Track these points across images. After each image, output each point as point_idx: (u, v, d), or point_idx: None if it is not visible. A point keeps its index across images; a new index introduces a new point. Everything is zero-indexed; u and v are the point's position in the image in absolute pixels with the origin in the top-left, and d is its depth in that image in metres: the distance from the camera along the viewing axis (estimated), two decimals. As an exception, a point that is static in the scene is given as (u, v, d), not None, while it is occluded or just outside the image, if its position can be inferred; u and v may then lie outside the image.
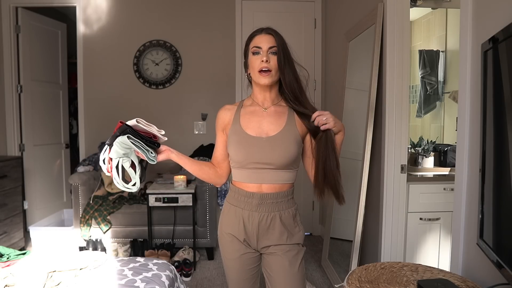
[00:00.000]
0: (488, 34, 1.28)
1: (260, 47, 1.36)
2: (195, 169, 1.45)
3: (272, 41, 1.36)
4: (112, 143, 1.28)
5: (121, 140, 1.25)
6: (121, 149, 1.26)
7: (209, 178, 1.49)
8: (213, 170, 1.50)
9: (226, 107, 1.48)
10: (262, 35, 1.38)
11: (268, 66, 1.34)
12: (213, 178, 1.50)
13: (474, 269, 1.47)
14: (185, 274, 2.87)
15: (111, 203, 3.28)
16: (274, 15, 3.84)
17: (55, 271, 1.71)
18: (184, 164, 1.42)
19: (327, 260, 2.99)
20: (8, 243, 3.10)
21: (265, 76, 1.35)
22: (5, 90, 3.70)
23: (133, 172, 1.32)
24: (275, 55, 1.35)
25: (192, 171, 1.45)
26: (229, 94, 3.93)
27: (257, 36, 1.38)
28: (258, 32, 1.40)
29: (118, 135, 1.27)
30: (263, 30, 1.40)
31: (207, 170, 1.48)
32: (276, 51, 1.35)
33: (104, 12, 3.88)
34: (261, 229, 1.39)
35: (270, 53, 1.35)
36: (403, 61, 2.26)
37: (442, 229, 2.37)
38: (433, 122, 3.40)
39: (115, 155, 1.28)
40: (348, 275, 1.40)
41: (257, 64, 1.36)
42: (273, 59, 1.35)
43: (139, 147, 1.28)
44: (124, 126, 1.28)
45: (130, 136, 1.26)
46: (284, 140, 1.36)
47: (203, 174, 1.48)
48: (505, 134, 1.11)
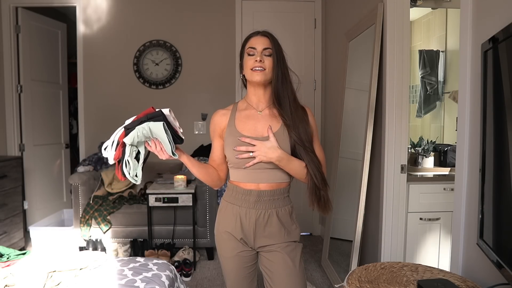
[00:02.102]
0: (488, 34, 1.28)
1: (255, 48, 1.39)
2: (202, 172, 1.44)
3: (267, 43, 1.39)
4: (133, 127, 1.19)
5: (153, 126, 1.18)
6: (141, 136, 1.18)
7: (213, 181, 1.49)
8: (216, 173, 1.50)
9: (220, 112, 1.48)
10: (258, 36, 1.41)
11: (262, 66, 1.37)
12: (216, 181, 1.50)
13: (474, 269, 1.47)
14: (185, 274, 2.87)
15: (111, 203, 3.28)
16: (274, 15, 3.84)
17: (55, 271, 1.71)
18: (192, 167, 1.41)
19: (327, 260, 2.99)
20: (8, 243, 3.10)
21: (258, 73, 1.37)
22: (5, 90, 3.70)
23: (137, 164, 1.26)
24: (270, 56, 1.38)
25: (198, 174, 1.44)
26: (229, 94, 3.93)
27: (253, 38, 1.42)
28: (254, 34, 1.43)
29: (146, 121, 1.19)
30: (259, 32, 1.42)
31: (212, 173, 1.48)
32: (271, 53, 1.38)
33: (104, 12, 3.88)
34: (258, 226, 1.41)
35: (264, 55, 1.38)
36: (403, 61, 2.26)
37: (442, 229, 2.37)
38: (433, 122, 3.40)
39: (130, 141, 1.20)
40: (348, 275, 1.40)
41: (251, 63, 1.38)
42: (267, 60, 1.38)
43: (169, 138, 1.21)
44: (159, 112, 1.21)
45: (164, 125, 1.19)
46: (280, 140, 1.38)
47: (208, 178, 1.47)
48: (505, 134, 1.11)
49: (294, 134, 1.37)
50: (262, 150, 1.35)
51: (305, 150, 1.38)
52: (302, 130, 1.38)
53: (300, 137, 1.37)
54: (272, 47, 1.38)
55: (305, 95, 3.86)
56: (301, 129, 1.38)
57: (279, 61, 1.38)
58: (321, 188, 1.38)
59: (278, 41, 1.42)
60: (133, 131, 1.19)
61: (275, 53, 1.38)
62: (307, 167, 1.38)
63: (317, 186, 1.38)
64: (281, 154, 1.35)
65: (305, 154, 1.38)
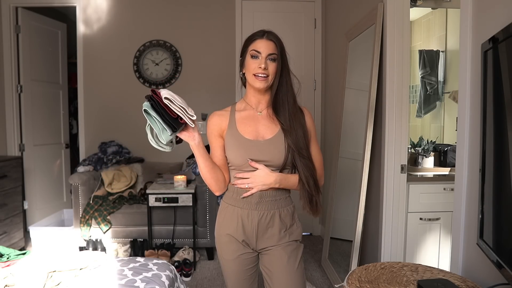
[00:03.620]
0: (488, 34, 1.28)
1: (259, 52, 1.35)
2: (208, 165, 1.36)
3: (272, 48, 1.36)
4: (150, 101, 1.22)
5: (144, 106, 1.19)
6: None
7: (217, 179, 1.40)
8: (221, 173, 1.42)
9: (216, 113, 1.45)
10: (264, 40, 1.37)
11: (265, 73, 1.35)
12: (221, 181, 1.42)
13: (474, 269, 1.47)
14: (185, 274, 2.87)
15: (111, 203, 3.28)
16: (274, 15, 3.84)
17: (55, 271, 1.71)
18: (200, 155, 1.33)
19: (327, 260, 2.99)
20: (8, 243, 3.10)
21: (261, 81, 1.35)
22: (5, 90, 3.70)
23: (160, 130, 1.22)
24: (274, 62, 1.36)
25: (204, 167, 1.36)
26: (229, 94, 3.93)
27: (258, 40, 1.37)
28: (259, 36, 1.38)
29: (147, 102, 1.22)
30: (264, 34, 1.38)
31: (218, 170, 1.41)
32: (275, 59, 1.36)
33: (104, 12, 3.88)
34: (261, 228, 1.40)
35: (269, 60, 1.35)
36: (403, 61, 2.26)
37: (442, 229, 2.37)
38: (433, 122, 3.40)
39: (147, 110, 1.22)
40: (348, 275, 1.40)
41: (254, 68, 1.35)
42: (271, 66, 1.35)
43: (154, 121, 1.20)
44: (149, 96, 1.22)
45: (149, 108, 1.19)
46: (282, 142, 1.38)
47: (213, 174, 1.38)
48: (505, 134, 1.11)
49: (291, 140, 1.37)
50: (258, 180, 1.36)
51: (300, 156, 1.37)
52: (299, 134, 1.38)
53: (296, 142, 1.37)
54: (277, 53, 1.36)
55: (305, 95, 3.86)
56: (299, 133, 1.38)
57: (283, 67, 1.37)
58: (313, 194, 1.39)
59: (283, 44, 1.39)
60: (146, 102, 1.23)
61: (279, 59, 1.36)
62: (300, 174, 1.39)
63: (309, 192, 1.39)
64: (277, 177, 1.38)
65: (299, 160, 1.37)
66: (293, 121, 1.38)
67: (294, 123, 1.38)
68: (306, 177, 1.38)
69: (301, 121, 1.41)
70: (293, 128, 1.37)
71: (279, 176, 1.38)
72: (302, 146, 1.38)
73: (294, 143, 1.36)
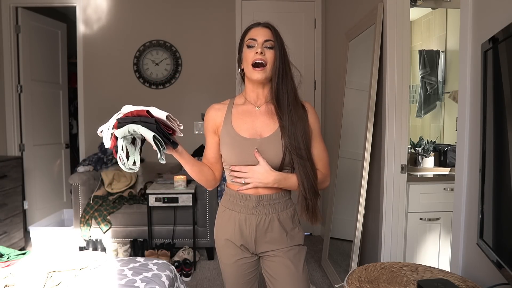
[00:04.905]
0: (488, 34, 1.28)
1: (255, 39, 1.29)
2: (195, 170, 1.33)
3: (268, 35, 1.30)
4: (125, 123, 1.11)
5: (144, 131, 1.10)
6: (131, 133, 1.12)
7: (207, 180, 1.39)
8: (211, 172, 1.40)
9: (214, 106, 1.41)
10: (259, 28, 1.31)
11: (263, 59, 1.27)
12: (211, 180, 1.40)
13: (474, 269, 1.47)
14: (185, 274, 2.87)
15: (111, 203, 3.28)
16: (274, 15, 3.83)
17: (55, 271, 1.71)
18: (186, 163, 1.28)
19: (327, 260, 2.99)
20: (8, 243, 3.10)
21: (259, 71, 1.28)
22: (5, 90, 3.70)
23: (133, 149, 1.17)
24: (271, 49, 1.29)
25: (191, 172, 1.33)
26: (229, 94, 3.90)
27: (253, 29, 1.32)
28: (254, 25, 1.33)
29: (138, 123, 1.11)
30: (260, 23, 1.33)
31: (207, 171, 1.38)
32: (273, 46, 1.29)
33: (104, 12, 3.88)
34: (259, 232, 1.34)
35: (266, 47, 1.29)
36: (403, 61, 2.26)
37: (442, 229, 2.37)
38: (433, 122, 3.40)
39: (121, 135, 1.12)
40: (348, 275, 1.40)
41: (251, 56, 1.29)
42: (268, 53, 1.29)
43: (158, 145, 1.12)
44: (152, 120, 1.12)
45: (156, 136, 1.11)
46: (279, 141, 1.31)
47: (202, 177, 1.36)
48: (505, 134, 1.11)
49: (288, 139, 1.29)
50: (256, 177, 1.29)
51: (297, 156, 1.29)
52: (299, 131, 1.29)
53: (294, 142, 1.28)
54: (274, 39, 1.29)
55: (305, 95, 3.86)
56: (299, 130, 1.29)
57: (281, 54, 1.29)
58: (307, 197, 1.30)
59: (280, 33, 1.32)
60: (123, 127, 1.11)
61: (277, 46, 1.29)
62: (296, 175, 1.31)
63: (303, 195, 1.31)
64: (277, 177, 1.30)
65: (297, 160, 1.29)
66: (294, 116, 1.30)
67: (294, 118, 1.30)
68: (302, 178, 1.29)
69: (303, 116, 1.32)
70: (293, 125, 1.29)
71: (279, 176, 1.30)
72: (300, 146, 1.29)
73: (291, 142, 1.28)
